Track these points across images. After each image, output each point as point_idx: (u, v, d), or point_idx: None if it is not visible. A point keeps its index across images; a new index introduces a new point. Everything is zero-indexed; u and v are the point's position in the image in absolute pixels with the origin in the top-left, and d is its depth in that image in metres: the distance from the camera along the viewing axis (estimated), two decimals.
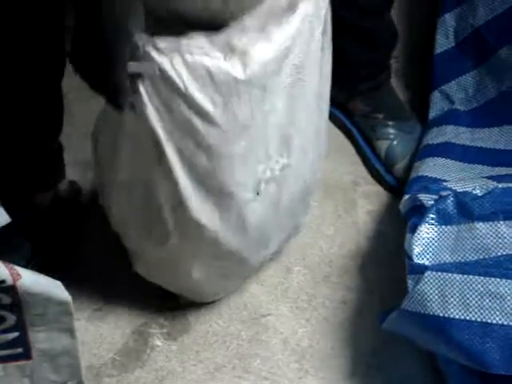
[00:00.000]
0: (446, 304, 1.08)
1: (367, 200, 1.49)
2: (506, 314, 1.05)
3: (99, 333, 1.29)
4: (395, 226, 1.38)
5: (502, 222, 1.12)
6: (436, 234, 1.15)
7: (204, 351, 1.27)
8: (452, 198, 1.16)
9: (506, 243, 1.11)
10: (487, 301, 1.06)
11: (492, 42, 1.46)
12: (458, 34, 1.52)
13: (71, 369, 1.10)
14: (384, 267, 1.36)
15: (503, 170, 1.34)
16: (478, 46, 1.50)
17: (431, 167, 1.35)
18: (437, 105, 1.52)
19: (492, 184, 1.21)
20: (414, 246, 1.14)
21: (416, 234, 1.14)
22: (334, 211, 1.47)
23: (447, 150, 1.40)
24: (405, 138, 1.52)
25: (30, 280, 0.98)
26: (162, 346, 1.27)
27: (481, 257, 1.11)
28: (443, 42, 1.54)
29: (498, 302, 1.06)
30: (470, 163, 1.37)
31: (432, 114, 1.52)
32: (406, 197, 1.26)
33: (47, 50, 1.15)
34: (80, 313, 1.28)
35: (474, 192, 1.17)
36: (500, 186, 1.17)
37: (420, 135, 1.51)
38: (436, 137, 1.44)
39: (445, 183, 1.25)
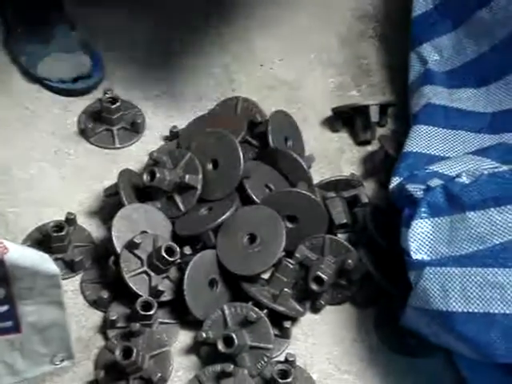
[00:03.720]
0: (448, 298, 1.09)
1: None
2: (507, 302, 1.06)
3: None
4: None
5: (492, 209, 1.12)
6: (430, 227, 1.15)
7: None
8: (441, 190, 1.16)
9: (499, 230, 1.11)
10: (488, 291, 1.07)
11: (472, 3, 1.46)
12: None
13: (61, 341, 1.11)
14: None
15: (486, 139, 1.35)
16: (457, 7, 1.49)
17: (416, 139, 1.35)
18: (414, 67, 1.52)
19: (477, 163, 1.22)
20: (410, 242, 1.14)
21: (411, 230, 1.15)
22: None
23: (429, 114, 1.40)
24: None
25: (18, 253, 0.98)
26: None
27: (476, 247, 1.11)
28: (422, 3, 1.53)
29: (498, 291, 1.06)
30: (453, 129, 1.38)
31: (411, 77, 1.52)
32: (395, 182, 1.27)
33: None
34: None
35: (461, 180, 1.17)
36: (486, 172, 1.17)
37: None
38: (417, 100, 1.44)
39: (431, 167, 1.24)
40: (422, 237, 1.15)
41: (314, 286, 1.25)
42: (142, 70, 1.62)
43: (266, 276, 1.29)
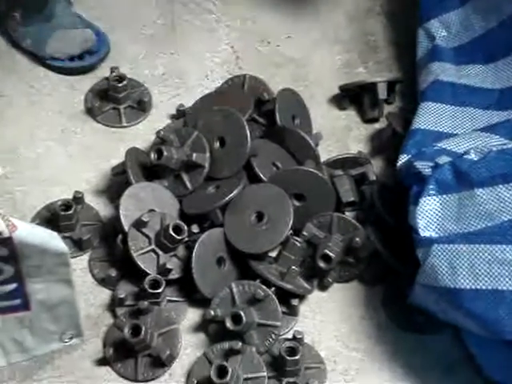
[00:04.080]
0: (456, 275, 1.09)
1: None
2: None
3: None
4: None
5: (501, 186, 1.12)
6: (438, 204, 1.15)
7: None
8: (449, 167, 1.16)
9: (506, 207, 1.11)
10: (496, 268, 1.07)
11: None
12: None
13: (70, 319, 1.11)
14: None
15: (494, 115, 1.35)
16: None
17: (424, 116, 1.34)
18: (421, 44, 1.51)
19: (486, 140, 1.21)
20: (418, 220, 1.14)
21: (419, 207, 1.14)
22: None
23: (437, 91, 1.39)
24: None
25: (26, 231, 0.98)
26: None
27: (485, 224, 1.11)
28: None
29: (506, 268, 1.06)
30: (461, 106, 1.37)
31: (418, 53, 1.51)
32: (403, 159, 1.26)
33: None
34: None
35: (470, 157, 1.16)
36: (494, 149, 1.16)
37: None
38: (425, 77, 1.44)
39: (439, 144, 1.24)
40: (430, 214, 1.15)
41: (321, 264, 1.25)
42: (148, 49, 1.62)
43: (273, 254, 1.29)
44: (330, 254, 1.24)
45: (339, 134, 1.50)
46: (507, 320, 1.05)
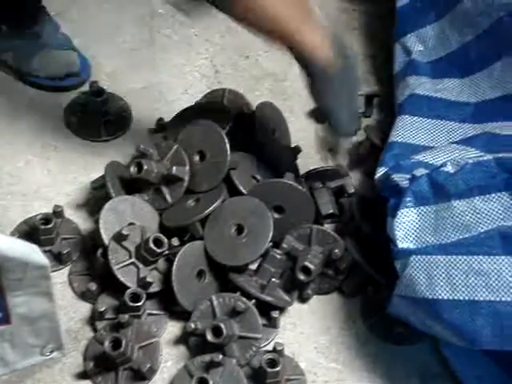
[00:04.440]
0: (434, 286, 1.09)
1: None
2: (491, 290, 1.06)
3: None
4: None
5: (477, 198, 1.13)
6: (415, 216, 1.16)
7: None
8: (426, 179, 1.17)
9: (483, 218, 1.12)
10: (472, 279, 1.07)
11: None
12: None
13: (51, 332, 1.11)
14: None
15: (470, 128, 1.36)
16: None
17: (401, 129, 1.36)
18: (398, 58, 1.53)
19: (462, 152, 1.22)
20: (396, 231, 1.15)
21: (397, 219, 1.16)
22: None
23: (414, 104, 1.41)
24: None
25: (7, 244, 0.98)
26: None
27: (462, 235, 1.12)
28: None
29: (483, 279, 1.07)
30: (438, 119, 1.39)
31: (396, 68, 1.53)
32: (381, 171, 1.28)
33: None
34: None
35: (446, 169, 1.17)
36: (471, 161, 1.17)
37: None
38: (402, 91, 1.46)
39: (416, 156, 1.25)
40: (407, 226, 1.16)
41: (301, 276, 1.26)
42: (128, 63, 1.62)
43: (253, 266, 1.29)
44: (310, 265, 1.25)
45: (318, 147, 1.51)
46: (484, 330, 1.06)
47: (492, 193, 1.13)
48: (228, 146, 1.33)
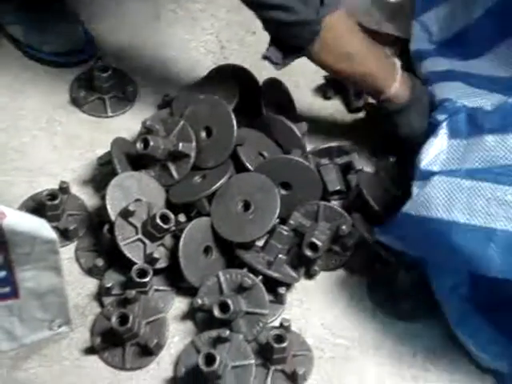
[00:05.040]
0: (452, 208, 1.09)
1: None
2: (511, 220, 1.05)
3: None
4: None
5: (511, 135, 1.12)
6: (446, 147, 1.17)
7: None
8: (464, 114, 1.17)
9: None
10: (494, 207, 1.07)
11: None
12: None
13: (59, 307, 1.11)
14: None
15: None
16: None
17: (441, 89, 1.33)
18: (417, 36, 1.50)
19: (503, 98, 1.21)
20: (422, 156, 1.16)
21: (426, 146, 1.16)
22: None
23: (450, 76, 1.38)
24: None
25: (16, 219, 0.98)
26: None
27: (490, 165, 1.12)
28: None
29: (505, 208, 1.06)
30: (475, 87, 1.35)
31: (413, 46, 1.49)
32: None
33: None
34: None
35: (485, 107, 1.17)
36: (510, 100, 1.17)
37: None
38: (434, 66, 1.42)
39: (459, 100, 1.25)
40: (435, 153, 1.17)
41: (308, 252, 1.26)
42: (133, 39, 1.62)
43: (260, 243, 1.29)
44: (317, 242, 1.25)
45: (325, 123, 1.51)
46: (495, 257, 1.05)
47: None
48: (235, 122, 1.32)
